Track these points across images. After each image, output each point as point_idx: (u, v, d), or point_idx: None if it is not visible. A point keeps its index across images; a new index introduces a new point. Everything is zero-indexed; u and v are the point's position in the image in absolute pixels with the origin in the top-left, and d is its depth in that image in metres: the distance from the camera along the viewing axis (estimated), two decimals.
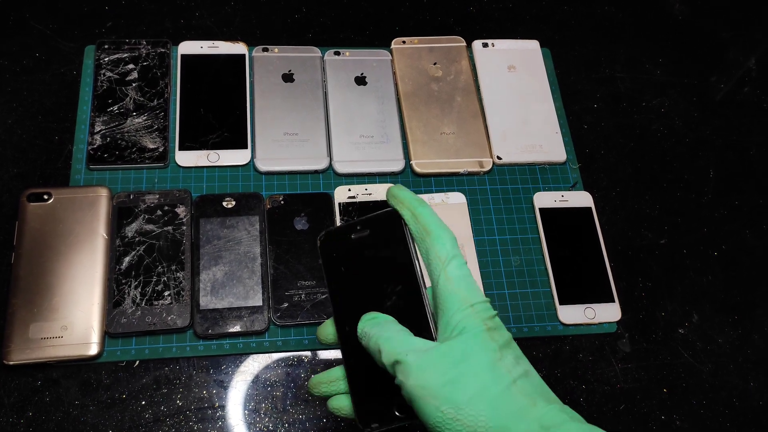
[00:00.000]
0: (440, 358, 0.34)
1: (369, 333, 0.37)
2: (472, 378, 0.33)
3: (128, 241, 0.61)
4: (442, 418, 0.32)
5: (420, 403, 0.33)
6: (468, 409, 0.32)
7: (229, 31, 0.77)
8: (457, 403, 0.32)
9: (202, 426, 0.57)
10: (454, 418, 0.32)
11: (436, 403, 0.33)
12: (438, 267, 0.36)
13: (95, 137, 0.66)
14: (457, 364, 0.33)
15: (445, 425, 0.32)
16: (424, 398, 0.33)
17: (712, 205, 0.76)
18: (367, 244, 0.40)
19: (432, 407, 0.33)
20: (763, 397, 0.66)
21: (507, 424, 0.32)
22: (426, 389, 0.33)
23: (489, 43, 0.80)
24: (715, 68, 0.86)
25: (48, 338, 0.56)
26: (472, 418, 0.32)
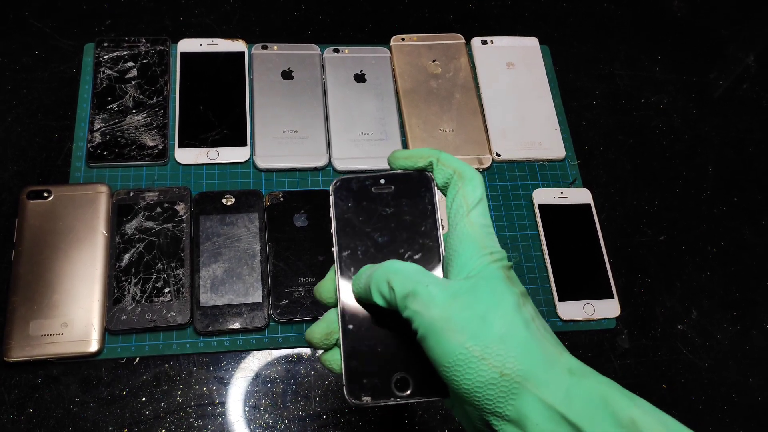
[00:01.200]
0: (467, 292, 0.31)
1: (371, 271, 0.34)
2: (502, 317, 0.30)
3: (128, 239, 0.61)
4: (465, 356, 0.30)
5: (439, 337, 0.30)
6: (497, 348, 0.30)
7: (228, 28, 0.77)
8: (485, 340, 0.30)
9: (202, 423, 0.57)
10: (480, 357, 0.29)
11: (461, 338, 0.30)
12: (462, 211, 0.34)
13: (95, 135, 0.66)
14: (486, 300, 0.31)
15: (467, 364, 0.30)
16: (447, 331, 0.30)
17: (711, 202, 0.76)
18: (389, 201, 0.37)
19: (455, 343, 0.30)
20: (762, 393, 0.66)
21: (536, 367, 0.30)
22: (451, 321, 0.30)
23: (488, 41, 0.80)
24: (714, 65, 0.86)
25: (48, 335, 0.57)
26: (500, 358, 0.29)
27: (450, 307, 0.31)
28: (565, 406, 0.29)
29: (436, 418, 0.60)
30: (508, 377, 0.29)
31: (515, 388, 0.29)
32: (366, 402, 0.34)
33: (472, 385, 0.30)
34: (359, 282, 0.35)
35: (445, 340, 0.30)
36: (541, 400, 0.29)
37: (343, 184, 0.38)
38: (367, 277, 0.34)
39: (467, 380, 0.30)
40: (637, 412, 0.28)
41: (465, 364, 0.30)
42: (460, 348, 0.30)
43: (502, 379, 0.29)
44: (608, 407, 0.28)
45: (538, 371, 0.30)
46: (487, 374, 0.29)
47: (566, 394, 0.29)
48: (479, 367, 0.29)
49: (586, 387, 0.29)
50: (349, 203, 0.37)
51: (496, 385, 0.29)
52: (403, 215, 0.37)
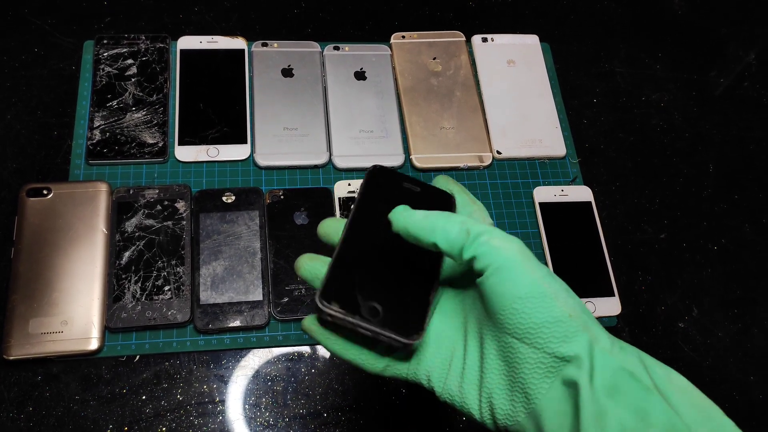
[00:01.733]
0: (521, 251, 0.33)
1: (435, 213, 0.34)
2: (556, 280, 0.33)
3: (128, 236, 0.61)
4: (542, 291, 0.31)
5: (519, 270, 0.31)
6: (565, 296, 0.32)
7: (228, 26, 0.77)
8: (555, 286, 0.32)
9: (202, 421, 0.57)
10: (553, 296, 0.31)
11: (540, 274, 0.32)
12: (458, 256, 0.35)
13: (94, 132, 0.66)
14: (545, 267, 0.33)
15: (542, 298, 0.31)
16: (527, 266, 0.32)
17: (712, 200, 0.76)
18: (413, 197, 0.40)
19: (535, 276, 0.31)
20: (763, 391, 0.66)
21: (593, 322, 0.32)
22: (531, 259, 0.32)
23: (488, 38, 0.80)
24: (714, 63, 0.86)
25: (48, 333, 0.56)
26: (568, 303, 0.31)
27: (524, 250, 0.32)
28: (621, 356, 0.31)
29: (437, 416, 0.60)
30: (576, 319, 0.31)
31: (581, 331, 0.31)
32: (334, 309, 0.34)
33: (542, 319, 0.31)
34: (412, 217, 0.34)
35: (525, 273, 0.31)
36: (605, 350, 0.31)
37: (381, 171, 0.41)
38: (425, 216, 0.34)
39: (539, 314, 0.31)
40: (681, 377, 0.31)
41: (540, 298, 0.31)
42: (540, 282, 0.31)
43: (570, 320, 0.31)
44: (653, 366, 0.31)
45: (594, 324, 0.32)
46: (558, 312, 0.31)
47: (620, 349, 0.31)
48: (552, 304, 0.31)
49: (633, 349, 0.32)
50: (378, 188, 0.40)
51: (565, 323, 0.31)
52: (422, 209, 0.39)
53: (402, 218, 0.35)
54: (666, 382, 0.30)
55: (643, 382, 0.30)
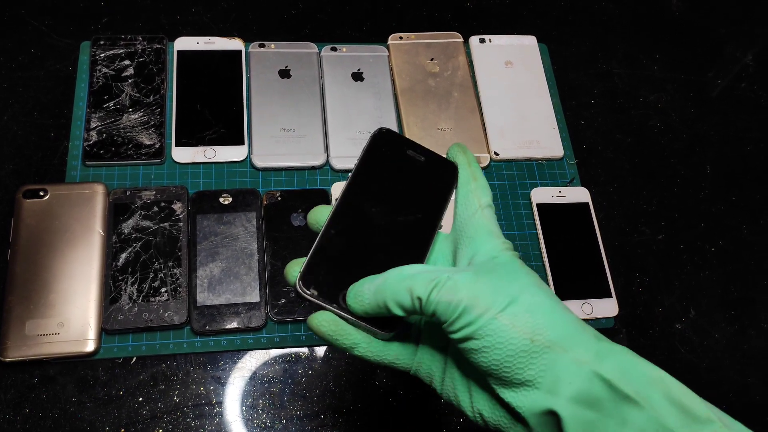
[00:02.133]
0: (489, 273, 0.32)
1: (376, 286, 0.33)
2: (526, 292, 0.32)
3: (125, 238, 0.61)
4: (495, 325, 0.30)
5: (469, 316, 0.31)
6: (525, 318, 0.31)
7: (225, 26, 0.76)
8: (513, 311, 0.31)
9: (199, 422, 0.57)
10: (510, 325, 0.30)
11: (491, 312, 0.30)
12: (474, 206, 0.36)
13: (91, 133, 0.66)
14: (507, 280, 0.32)
15: (498, 332, 0.30)
16: (476, 308, 0.31)
17: (710, 201, 0.76)
18: (415, 167, 0.40)
19: (485, 318, 0.30)
20: (760, 393, 0.66)
21: (565, 332, 0.31)
22: (479, 299, 0.31)
23: (486, 39, 0.80)
24: (712, 64, 0.86)
25: (44, 335, 0.56)
26: (530, 325, 0.31)
27: (475, 287, 0.31)
28: (598, 365, 0.30)
29: (434, 417, 0.60)
30: (538, 343, 0.30)
31: (546, 353, 0.30)
32: (311, 295, 0.35)
33: (503, 354, 0.30)
34: (362, 300, 0.34)
35: (474, 317, 0.31)
36: (574, 360, 0.30)
37: (388, 134, 0.40)
38: (374, 292, 0.33)
39: (498, 350, 0.30)
40: (664, 373, 0.30)
41: (496, 333, 0.30)
42: (489, 319, 0.30)
43: (533, 346, 0.30)
44: (637, 368, 0.30)
45: (567, 335, 0.31)
46: (518, 342, 0.30)
47: (596, 355, 0.30)
48: (510, 334, 0.30)
49: (615, 350, 0.31)
50: (383, 149, 0.40)
51: (528, 352, 0.30)
52: (421, 183, 0.39)
53: (356, 305, 0.34)
54: (646, 384, 0.30)
55: (620, 389, 0.29)
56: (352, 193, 0.38)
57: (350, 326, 0.35)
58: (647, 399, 0.29)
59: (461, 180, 0.39)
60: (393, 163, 0.40)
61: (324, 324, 0.35)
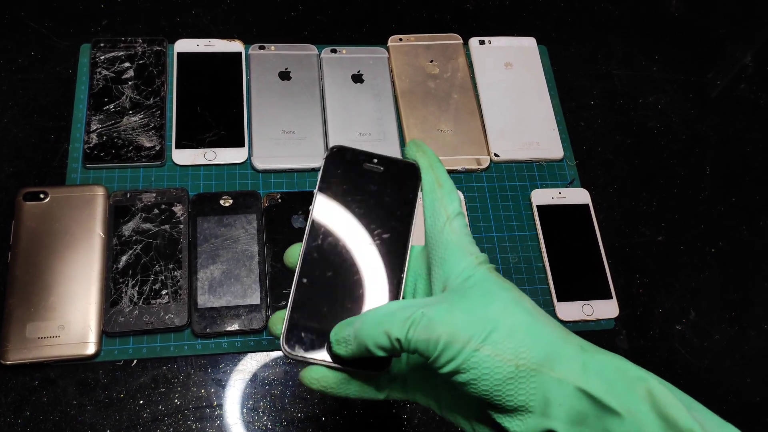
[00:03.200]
0: (462, 299, 0.32)
1: (355, 331, 0.33)
2: (503, 313, 0.31)
3: (125, 240, 0.61)
4: (478, 358, 0.30)
5: (450, 351, 0.30)
6: (507, 344, 0.30)
7: (225, 28, 0.76)
8: (494, 339, 0.30)
9: (200, 425, 0.57)
10: (493, 354, 0.30)
11: (471, 345, 0.30)
12: (442, 219, 0.35)
13: (91, 136, 0.66)
14: (483, 304, 0.32)
15: (482, 365, 0.30)
16: (455, 344, 0.30)
17: (709, 202, 0.76)
18: (375, 180, 0.38)
19: (466, 351, 0.30)
20: (760, 394, 0.66)
21: (549, 350, 0.30)
22: (456, 334, 0.30)
23: (486, 41, 0.80)
24: (711, 65, 0.86)
25: (45, 338, 0.56)
26: (512, 351, 0.30)
27: (452, 320, 0.31)
28: (583, 380, 0.30)
29: (435, 419, 0.60)
30: (524, 367, 0.30)
31: (533, 376, 0.30)
32: (299, 355, 0.34)
33: (491, 384, 0.30)
34: (346, 346, 0.33)
35: (457, 351, 0.30)
36: (560, 380, 0.30)
37: (340, 152, 0.39)
38: (354, 337, 0.33)
39: (485, 381, 0.30)
40: (652, 383, 0.30)
41: (480, 366, 0.30)
42: (471, 352, 0.30)
43: (519, 371, 0.30)
44: (623, 378, 0.30)
45: (552, 353, 0.31)
46: (503, 370, 0.30)
47: (582, 369, 0.30)
48: (494, 364, 0.30)
49: (600, 360, 0.31)
50: (339, 170, 0.38)
51: (515, 378, 0.30)
52: (385, 196, 0.38)
53: (341, 351, 0.34)
54: (631, 395, 0.29)
55: (605, 403, 0.29)
56: (316, 228, 0.37)
57: (342, 375, 0.35)
58: (631, 411, 0.29)
59: (426, 187, 0.37)
60: (352, 184, 0.38)
61: (315, 381, 0.35)
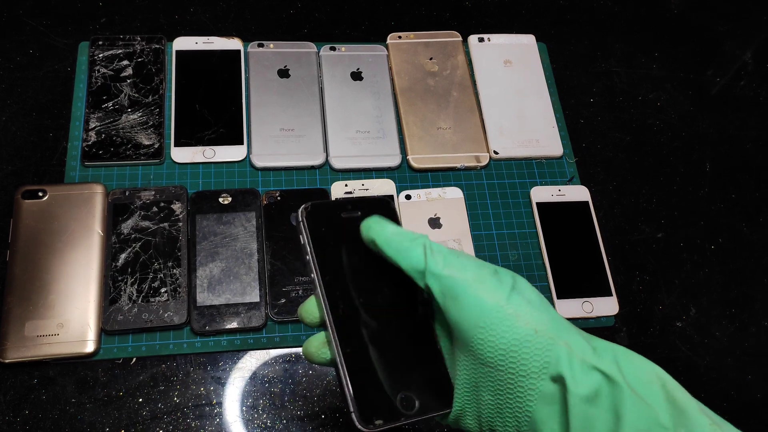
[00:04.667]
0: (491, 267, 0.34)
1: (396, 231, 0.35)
2: (526, 287, 0.33)
3: (124, 238, 0.61)
4: (501, 314, 0.31)
5: (474, 298, 0.32)
6: (528, 309, 0.32)
7: (224, 26, 0.76)
8: (516, 302, 0.32)
9: (199, 423, 0.56)
10: (515, 314, 0.31)
11: (496, 297, 0.32)
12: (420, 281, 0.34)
13: (90, 134, 0.66)
14: (508, 274, 0.34)
15: (503, 321, 0.31)
16: (482, 291, 0.32)
17: (709, 199, 0.76)
18: (357, 225, 0.37)
19: (491, 302, 0.31)
20: (761, 390, 0.66)
21: (563, 328, 0.32)
22: (485, 283, 0.32)
23: (485, 38, 0.80)
24: (711, 62, 0.86)
25: (44, 336, 0.56)
26: (532, 317, 0.31)
27: (481, 272, 0.33)
28: (596, 359, 0.31)
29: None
30: (542, 333, 0.31)
31: (549, 344, 0.31)
32: (378, 426, 0.33)
33: (508, 342, 0.31)
34: (385, 235, 0.35)
35: (481, 300, 0.32)
36: (575, 355, 0.31)
37: (314, 210, 0.38)
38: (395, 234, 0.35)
39: (504, 338, 0.31)
40: (657, 368, 0.31)
41: (501, 322, 0.31)
42: (496, 307, 0.31)
43: (537, 336, 0.31)
44: (633, 362, 0.31)
45: (565, 331, 0.32)
46: (522, 330, 0.31)
47: (593, 351, 0.31)
48: (514, 324, 0.31)
49: (609, 346, 0.32)
50: (323, 228, 0.37)
51: (532, 341, 0.31)
52: None
53: (374, 233, 0.35)
54: (642, 379, 0.30)
55: (619, 383, 0.30)
56: (333, 294, 0.36)
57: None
58: (643, 395, 0.30)
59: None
60: (341, 238, 0.37)
61: None
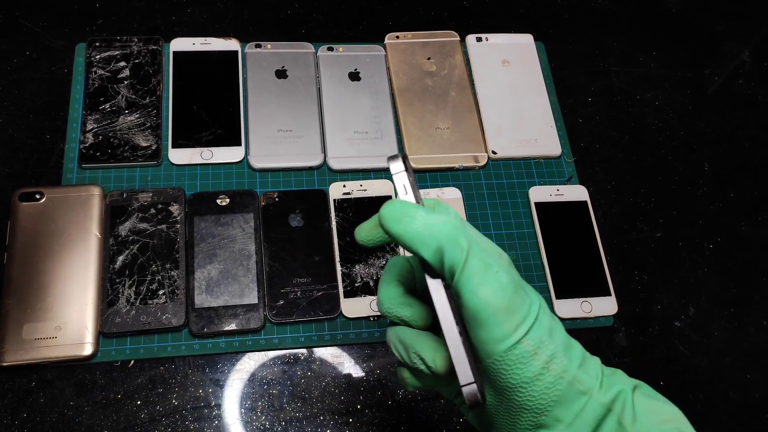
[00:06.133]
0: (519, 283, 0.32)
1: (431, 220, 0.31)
2: (543, 310, 0.31)
3: (122, 240, 0.61)
4: (519, 351, 0.30)
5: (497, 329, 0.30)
6: (547, 342, 0.30)
7: (221, 27, 0.76)
8: (539, 334, 0.30)
9: (198, 425, 0.56)
10: (533, 352, 0.30)
11: (519, 333, 0.30)
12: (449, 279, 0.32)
13: (87, 136, 0.65)
14: (530, 294, 0.32)
15: (519, 359, 0.30)
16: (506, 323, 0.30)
17: (707, 198, 0.76)
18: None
19: (513, 338, 0.30)
20: (759, 390, 0.66)
21: (575, 360, 0.31)
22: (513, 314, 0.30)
23: (483, 38, 0.79)
24: (709, 61, 0.86)
25: (42, 339, 0.56)
26: (549, 352, 0.30)
27: (514, 299, 0.30)
28: (603, 397, 0.31)
29: (434, 418, 0.60)
30: (554, 373, 0.30)
31: (560, 385, 0.30)
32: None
33: (518, 380, 0.30)
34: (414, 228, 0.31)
35: (504, 333, 0.30)
36: (581, 392, 0.31)
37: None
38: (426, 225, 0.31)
39: (517, 374, 0.30)
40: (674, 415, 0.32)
41: (517, 359, 0.30)
42: (518, 343, 0.30)
43: (549, 375, 0.30)
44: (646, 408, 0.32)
45: (577, 363, 0.31)
46: (536, 370, 0.30)
47: (606, 392, 0.31)
48: (530, 362, 0.30)
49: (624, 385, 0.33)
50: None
51: (543, 381, 0.30)
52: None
53: (398, 227, 0.31)
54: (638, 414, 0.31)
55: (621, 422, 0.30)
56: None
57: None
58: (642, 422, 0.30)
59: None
60: None
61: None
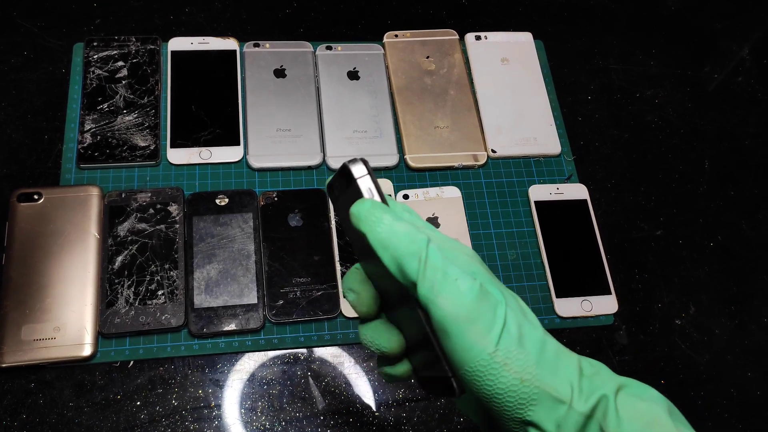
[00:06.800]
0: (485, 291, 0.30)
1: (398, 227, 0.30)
2: (514, 317, 0.30)
3: (120, 241, 0.61)
4: (488, 363, 0.29)
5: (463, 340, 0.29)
6: (517, 353, 0.29)
7: (219, 26, 0.76)
8: (507, 344, 0.29)
9: (198, 426, 0.56)
10: (502, 363, 0.29)
11: (486, 343, 0.29)
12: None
13: (85, 136, 0.65)
14: (498, 300, 0.30)
15: (489, 371, 0.29)
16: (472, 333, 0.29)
17: (708, 196, 0.76)
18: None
19: (479, 348, 0.29)
20: (760, 388, 0.66)
21: (548, 368, 0.30)
22: (477, 323, 0.29)
23: (482, 36, 0.79)
24: (708, 58, 0.86)
25: (41, 340, 0.56)
26: (521, 362, 0.29)
27: (476, 308, 0.29)
28: (582, 405, 0.30)
29: (435, 418, 0.60)
30: (528, 383, 0.30)
31: (534, 394, 0.30)
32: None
33: (492, 390, 0.30)
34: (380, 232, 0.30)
35: (470, 344, 0.29)
36: (558, 400, 0.30)
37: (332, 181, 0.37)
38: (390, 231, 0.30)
39: (488, 386, 0.30)
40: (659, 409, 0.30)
41: (487, 371, 0.29)
42: (484, 354, 0.29)
43: (522, 386, 0.30)
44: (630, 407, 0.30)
45: (550, 371, 0.30)
46: (508, 381, 0.29)
47: (586, 396, 0.30)
48: (501, 374, 0.29)
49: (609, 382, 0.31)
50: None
51: (516, 391, 0.30)
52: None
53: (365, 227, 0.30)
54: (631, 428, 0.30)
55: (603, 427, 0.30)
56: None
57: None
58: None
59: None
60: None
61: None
